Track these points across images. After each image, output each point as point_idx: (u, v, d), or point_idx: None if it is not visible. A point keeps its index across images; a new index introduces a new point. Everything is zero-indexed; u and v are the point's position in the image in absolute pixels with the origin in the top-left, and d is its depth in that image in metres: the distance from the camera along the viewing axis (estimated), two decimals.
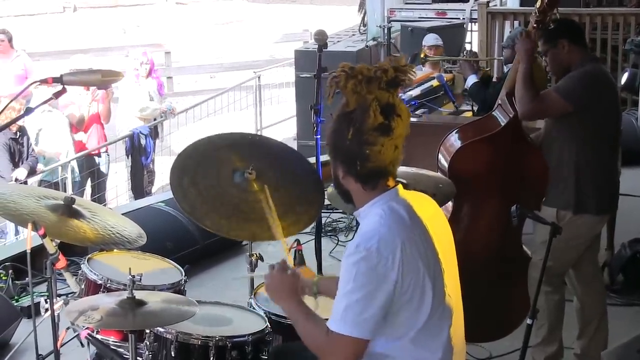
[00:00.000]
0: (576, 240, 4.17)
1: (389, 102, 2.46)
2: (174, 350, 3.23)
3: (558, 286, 4.28)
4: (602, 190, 4.17)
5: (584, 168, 4.12)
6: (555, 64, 4.21)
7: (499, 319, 4.38)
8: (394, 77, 2.48)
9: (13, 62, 9.63)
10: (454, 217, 4.25)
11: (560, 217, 4.13)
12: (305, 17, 20.35)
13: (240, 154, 3.49)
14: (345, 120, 2.49)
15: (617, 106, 4.33)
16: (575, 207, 4.12)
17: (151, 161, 9.12)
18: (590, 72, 4.12)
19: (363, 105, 2.46)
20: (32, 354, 3.41)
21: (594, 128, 4.11)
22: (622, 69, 8.76)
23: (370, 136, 2.45)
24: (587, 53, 4.28)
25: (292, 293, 2.64)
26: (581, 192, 4.12)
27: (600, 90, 4.12)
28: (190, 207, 3.38)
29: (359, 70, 2.47)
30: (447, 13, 10.44)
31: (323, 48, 4.49)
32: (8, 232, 8.07)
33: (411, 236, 2.47)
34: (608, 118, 4.19)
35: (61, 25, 21.43)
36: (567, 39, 4.14)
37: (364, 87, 2.46)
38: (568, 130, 4.12)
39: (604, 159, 4.19)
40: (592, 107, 4.08)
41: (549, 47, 4.18)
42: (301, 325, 2.57)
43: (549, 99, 4.11)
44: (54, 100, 3.17)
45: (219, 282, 5.75)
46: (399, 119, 2.46)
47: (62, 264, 3.13)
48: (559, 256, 4.14)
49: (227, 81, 13.70)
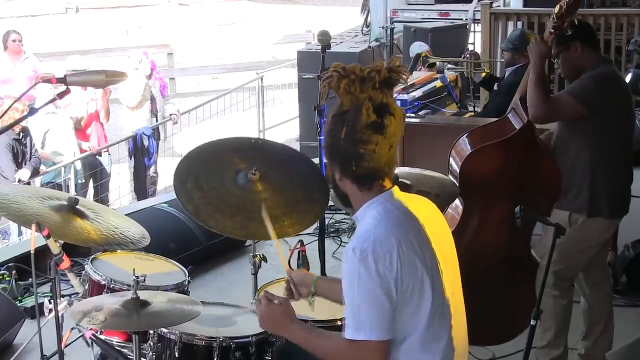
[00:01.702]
0: (587, 244, 4.16)
1: (382, 101, 2.46)
2: (177, 350, 3.23)
3: (567, 290, 4.27)
4: (615, 194, 4.15)
5: (598, 172, 4.09)
6: (568, 66, 4.18)
7: (506, 322, 4.36)
8: (387, 77, 2.47)
9: (23, 63, 9.66)
10: (465, 220, 4.23)
11: (573, 220, 4.12)
12: (308, 18, 20.36)
13: (243, 156, 3.49)
14: (339, 121, 2.49)
15: (630, 108, 4.30)
16: (589, 211, 4.10)
17: (154, 162, 9.14)
18: (603, 74, 4.10)
19: (356, 105, 2.46)
20: (36, 355, 3.41)
21: (607, 131, 4.08)
22: (626, 69, 8.75)
23: (364, 134, 2.44)
24: (599, 55, 4.26)
25: (288, 320, 2.62)
26: (595, 195, 4.09)
27: (613, 93, 4.10)
28: (194, 209, 3.38)
29: (351, 70, 2.47)
30: (449, 14, 10.45)
31: (326, 49, 4.49)
32: (11, 232, 8.09)
33: (407, 236, 2.46)
34: (621, 121, 4.17)
35: (63, 26, 21.45)
36: (580, 41, 4.11)
37: (357, 87, 2.45)
38: (581, 134, 4.10)
39: (618, 162, 4.16)
40: (605, 110, 4.05)
41: (562, 49, 4.15)
42: (315, 345, 2.56)
43: (561, 101, 4.09)
44: (57, 100, 3.17)
45: (223, 283, 5.75)
46: (392, 118, 2.46)
47: (65, 265, 3.13)
48: (570, 260, 4.13)
49: (230, 82, 13.71)
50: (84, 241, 3.37)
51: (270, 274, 3.88)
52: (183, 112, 10.17)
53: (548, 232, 4.16)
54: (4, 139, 7.81)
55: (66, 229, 3.30)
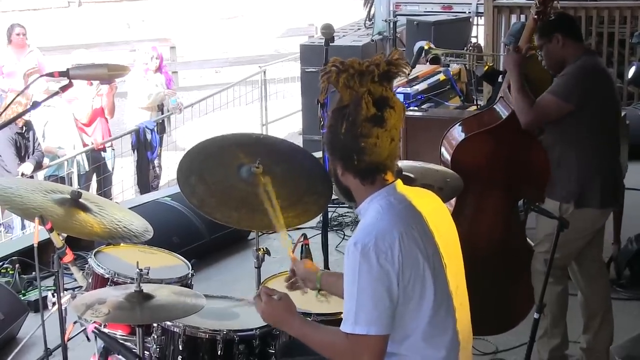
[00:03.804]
0: (578, 234, 4.16)
1: (382, 95, 2.46)
2: (181, 344, 3.24)
3: (560, 277, 4.27)
4: (605, 184, 4.15)
5: (585, 162, 4.11)
6: (551, 58, 4.20)
7: (504, 311, 4.39)
8: (386, 70, 2.47)
9: (27, 57, 9.66)
10: (457, 210, 4.25)
11: (563, 210, 4.13)
12: (311, 11, 20.31)
13: (246, 151, 3.50)
14: (339, 116, 2.49)
15: (614, 99, 4.31)
16: (578, 201, 4.12)
17: (157, 156, 9.14)
18: (583, 67, 4.10)
19: (356, 99, 2.46)
20: (40, 348, 3.42)
21: (593, 122, 4.09)
22: (629, 62, 8.74)
23: (364, 128, 2.44)
24: (582, 47, 4.25)
25: (289, 315, 2.62)
26: (583, 186, 4.11)
27: (595, 85, 4.10)
28: (199, 202, 3.39)
29: (350, 64, 2.47)
30: (453, 7, 10.44)
31: (330, 42, 4.48)
32: (14, 226, 8.10)
33: (409, 230, 2.46)
34: (606, 111, 4.17)
35: (66, 20, 21.43)
36: (561, 32, 4.12)
37: (356, 81, 2.45)
38: (567, 126, 4.11)
39: (605, 152, 4.17)
40: (589, 102, 4.06)
41: (544, 41, 4.17)
42: (315, 340, 2.56)
43: (546, 104, 4.09)
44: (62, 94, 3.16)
45: (226, 276, 5.75)
46: (392, 111, 2.46)
47: (69, 258, 3.13)
48: (561, 248, 4.13)
49: (233, 76, 13.68)
50: (87, 234, 3.36)
51: (274, 268, 3.88)
52: (186, 106, 10.17)
53: (540, 220, 4.17)
54: (6, 133, 7.81)
55: (69, 222, 3.29)
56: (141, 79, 9.02)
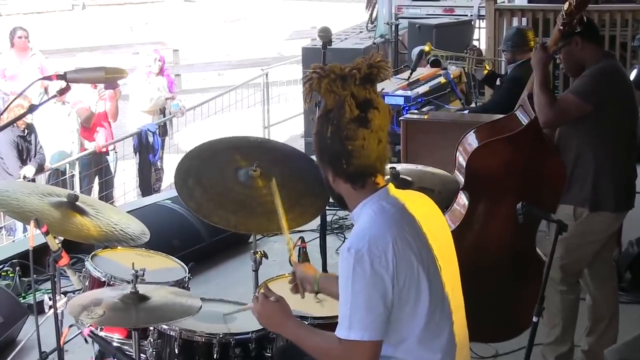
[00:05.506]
0: (592, 238, 4.15)
1: (365, 97, 2.46)
2: (177, 347, 3.23)
3: (574, 285, 4.26)
4: (620, 187, 4.14)
5: (601, 165, 4.08)
6: (570, 61, 4.17)
7: (511, 319, 4.34)
8: (368, 73, 2.47)
9: (29, 60, 9.67)
10: (470, 215, 4.21)
11: (578, 214, 4.11)
12: (314, 14, 20.34)
13: (243, 154, 3.50)
14: (324, 121, 2.49)
15: (633, 103, 4.29)
16: (592, 205, 4.09)
17: (159, 159, 9.15)
18: (604, 69, 4.08)
19: (339, 102, 2.46)
20: (37, 352, 3.41)
21: (610, 125, 4.07)
22: (631, 65, 8.72)
23: (349, 130, 2.44)
24: (601, 50, 4.24)
25: (285, 317, 2.62)
26: (598, 189, 4.09)
27: (615, 87, 4.09)
28: (197, 205, 3.39)
29: (331, 69, 2.48)
30: (454, 10, 10.44)
31: (327, 45, 4.48)
32: (16, 229, 8.10)
33: (402, 234, 2.45)
34: (624, 115, 4.16)
35: (70, 23, 21.48)
36: (580, 35, 4.10)
37: (339, 85, 2.46)
38: (585, 128, 4.08)
39: (622, 155, 4.15)
40: (608, 105, 4.04)
41: (563, 44, 4.14)
42: (309, 343, 2.56)
43: (567, 102, 4.07)
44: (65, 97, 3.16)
45: (225, 280, 5.75)
46: (376, 111, 2.46)
47: (64, 262, 3.12)
48: (575, 254, 4.12)
49: (235, 79, 13.71)
50: (83, 238, 3.36)
51: (272, 271, 3.87)
52: (188, 109, 10.18)
53: (552, 228, 4.14)
54: (8, 136, 7.83)
55: (66, 225, 3.29)
56: (143, 82, 9.04)
